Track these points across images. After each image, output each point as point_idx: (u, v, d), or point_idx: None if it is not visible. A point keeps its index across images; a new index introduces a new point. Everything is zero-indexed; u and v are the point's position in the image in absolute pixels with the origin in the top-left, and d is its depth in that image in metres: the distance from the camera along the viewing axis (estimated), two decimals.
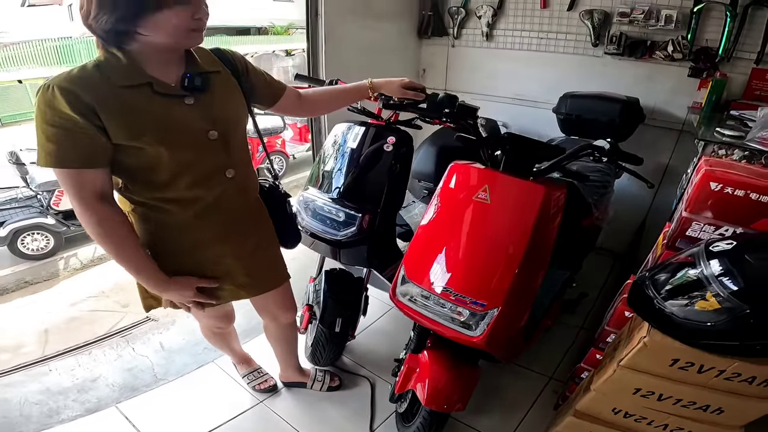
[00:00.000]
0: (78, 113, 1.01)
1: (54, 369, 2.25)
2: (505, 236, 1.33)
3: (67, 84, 1.00)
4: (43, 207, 4.72)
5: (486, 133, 1.46)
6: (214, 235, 1.30)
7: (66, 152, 1.03)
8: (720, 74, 2.29)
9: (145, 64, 1.10)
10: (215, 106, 1.21)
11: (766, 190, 1.14)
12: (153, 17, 1.01)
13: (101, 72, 1.05)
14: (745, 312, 0.93)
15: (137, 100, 1.08)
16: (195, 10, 1.06)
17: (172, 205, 1.22)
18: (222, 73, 1.26)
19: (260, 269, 1.46)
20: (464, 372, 1.47)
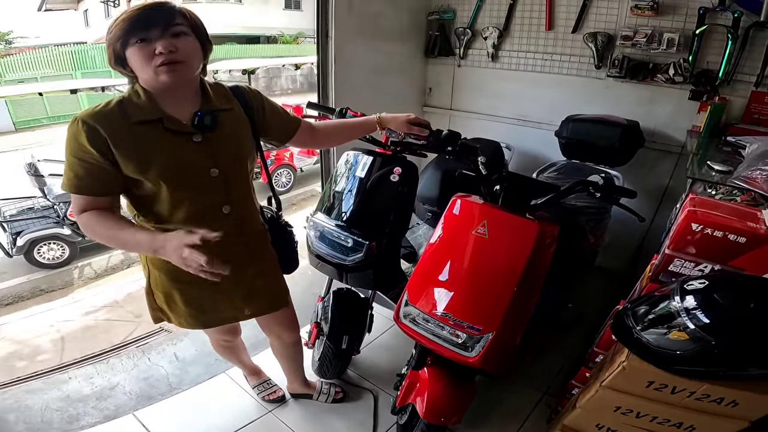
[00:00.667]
0: (95, 148, 1.13)
1: (73, 377, 2.36)
2: (501, 268, 1.43)
3: (89, 119, 1.13)
4: (59, 217, 4.83)
5: (487, 168, 1.55)
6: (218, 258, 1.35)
7: (82, 182, 1.17)
8: (719, 98, 2.34)
9: (161, 101, 1.20)
10: (222, 144, 1.29)
11: (743, 232, 1.24)
12: (127, 55, 1.14)
13: (121, 108, 1.17)
14: (711, 343, 1.06)
15: (148, 136, 1.18)
16: (153, 46, 1.12)
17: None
18: (234, 110, 1.34)
19: (260, 294, 1.54)
20: (461, 388, 1.56)
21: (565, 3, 2.76)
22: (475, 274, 1.47)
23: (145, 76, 1.16)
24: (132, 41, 1.11)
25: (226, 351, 2.00)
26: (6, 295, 4.43)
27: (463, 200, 1.59)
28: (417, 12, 3.24)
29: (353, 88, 2.87)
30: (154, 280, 1.43)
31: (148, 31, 1.11)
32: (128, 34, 1.11)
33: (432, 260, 1.57)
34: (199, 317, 1.48)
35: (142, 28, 1.11)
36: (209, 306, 1.47)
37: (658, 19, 2.46)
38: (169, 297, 1.43)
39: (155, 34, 1.11)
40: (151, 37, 1.11)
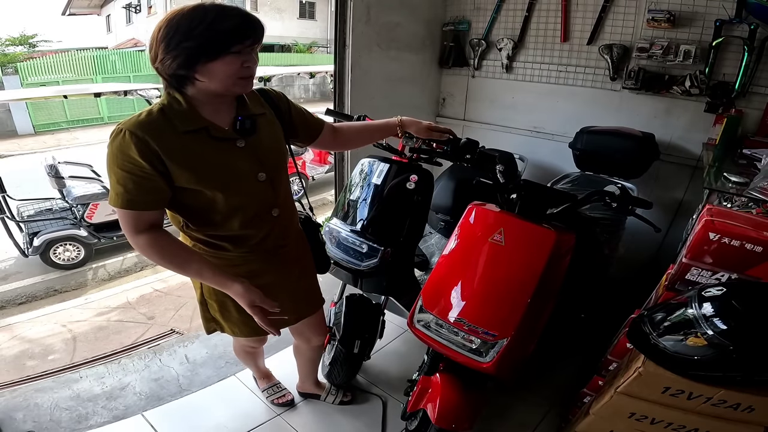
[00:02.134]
0: (146, 160, 1.09)
1: (84, 376, 2.37)
2: (517, 275, 1.43)
3: (137, 130, 1.08)
4: (76, 219, 4.90)
5: (504, 175, 1.55)
6: (264, 267, 1.41)
7: (132, 196, 1.12)
8: (735, 111, 2.33)
9: (201, 109, 1.18)
10: (263, 147, 1.29)
11: (760, 241, 1.23)
12: (208, 66, 1.08)
13: (166, 117, 1.13)
14: (729, 348, 1.06)
15: (196, 145, 1.16)
16: (245, 58, 1.12)
17: (226, 242, 1.33)
18: (267, 115, 1.34)
19: (302, 296, 1.59)
20: (473, 395, 1.55)
21: (580, 15, 2.77)
22: (491, 281, 1.47)
23: (217, 85, 1.13)
24: (231, 49, 1.08)
25: (248, 356, 2.03)
26: (20, 295, 4.50)
27: (479, 208, 1.60)
28: (432, 23, 3.28)
29: (369, 97, 2.91)
30: (207, 290, 1.44)
31: (249, 44, 1.11)
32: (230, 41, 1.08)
33: (448, 266, 1.57)
34: (250, 324, 1.45)
35: (246, 37, 1.10)
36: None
37: (675, 31, 2.46)
38: (223, 306, 1.45)
39: (251, 47, 1.13)
40: (247, 49, 1.12)
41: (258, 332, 1.54)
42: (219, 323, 1.52)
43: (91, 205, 4.92)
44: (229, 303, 1.43)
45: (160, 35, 1.08)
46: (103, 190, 4.97)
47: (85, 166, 5.37)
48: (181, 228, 1.34)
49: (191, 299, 3.89)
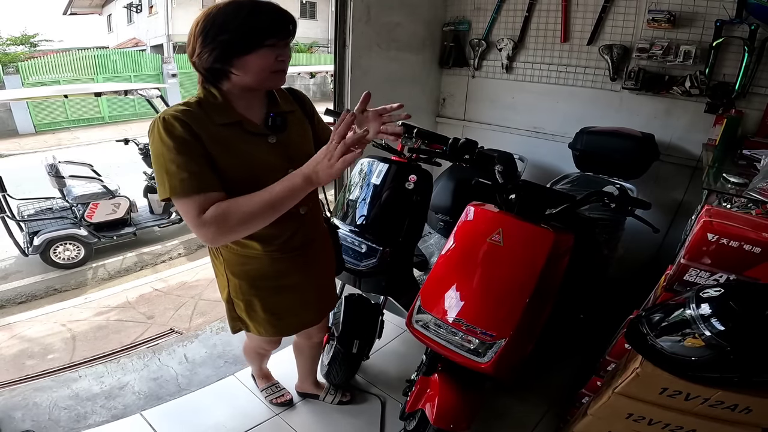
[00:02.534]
0: (194, 138, 1.10)
1: (84, 375, 2.38)
2: (516, 275, 1.43)
3: (179, 114, 1.10)
4: (77, 219, 4.90)
5: (502, 176, 1.55)
6: (290, 266, 1.43)
7: (199, 179, 1.10)
8: (735, 111, 2.33)
9: (235, 104, 1.20)
10: (292, 145, 1.30)
11: (758, 242, 1.23)
12: (243, 59, 1.11)
13: (203, 109, 1.15)
14: (726, 349, 1.06)
15: (232, 137, 1.18)
16: (279, 52, 1.14)
17: (255, 241, 1.34)
18: (296, 113, 1.37)
19: (325, 294, 1.62)
20: (471, 395, 1.55)
21: (580, 15, 2.77)
22: (490, 281, 1.46)
23: (251, 79, 1.15)
24: (265, 42, 1.10)
25: (258, 356, 2.04)
26: (20, 294, 4.49)
27: (478, 208, 1.60)
28: (433, 23, 3.27)
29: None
30: (234, 288, 1.43)
31: (282, 38, 1.13)
32: (263, 35, 1.09)
33: (446, 266, 1.57)
34: (276, 324, 1.50)
35: (279, 32, 1.12)
36: (286, 312, 1.51)
37: (675, 32, 2.45)
38: (249, 305, 1.45)
39: (281, 41, 1.13)
40: (280, 43, 1.13)
41: (283, 332, 1.56)
42: (245, 322, 1.52)
43: (92, 204, 4.92)
44: (255, 302, 1.44)
45: (198, 29, 1.11)
46: (103, 190, 4.97)
47: (86, 166, 5.37)
48: None
49: (191, 299, 3.91)
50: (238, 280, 1.41)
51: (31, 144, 10.45)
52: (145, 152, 5.45)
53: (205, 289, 4.09)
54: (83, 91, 5.97)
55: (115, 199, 5.05)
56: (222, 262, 1.41)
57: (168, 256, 5.27)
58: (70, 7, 20.36)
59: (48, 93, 5.69)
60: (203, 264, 4.68)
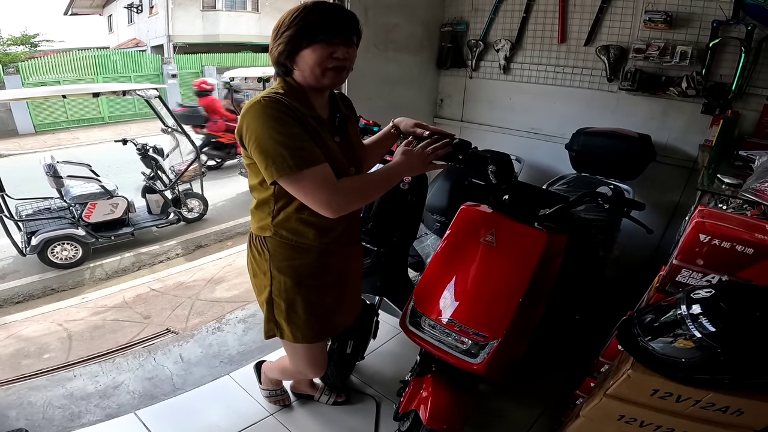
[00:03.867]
0: (294, 117, 1.16)
1: (78, 375, 2.38)
2: (509, 276, 1.43)
3: (277, 97, 1.17)
4: (74, 218, 4.90)
5: (496, 177, 1.55)
6: (335, 262, 1.45)
7: (311, 149, 1.16)
8: (732, 112, 2.32)
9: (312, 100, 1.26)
10: (351, 146, 1.38)
11: (751, 243, 1.23)
12: (300, 54, 1.17)
13: (288, 97, 1.20)
14: (716, 351, 1.05)
15: (317, 128, 1.24)
16: (334, 50, 1.17)
17: (314, 229, 1.36)
18: (352, 118, 1.42)
19: (356, 297, 1.65)
20: (464, 396, 1.55)
21: (578, 16, 2.77)
22: (482, 282, 1.47)
23: (308, 74, 1.20)
24: (317, 38, 1.15)
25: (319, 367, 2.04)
26: (17, 294, 4.48)
27: (471, 209, 1.60)
28: (430, 24, 3.27)
29: (366, 98, 2.90)
30: (278, 286, 1.43)
31: (336, 34, 1.17)
32: (317, 30, 1.15)
33: (439, 267, 1.57)
34: (314, 327, 1.50)
35: (333, 29, 1.16)
36: (324, 315, 1.51)
37: (671, 32, 2.45)
38: (291, 306, 1.45)
39: (339, 38, 1.17)
40: (334, 40, 1.17)
41: (318, 337, 1.55)
42: (281, 327, 1.50)
43: (89, 204, 4.91)
44: (298, 302, 1.44)
45: (276, 27, 1.20)
46: (100, 190, 4.97)
47: (84, 166, 5.35)
48: (270, 213, 1.35)
49: (188, 299, 3.90)
50: (283, 276, 1.41)
51: (31, 144, 10.46)
52: (143, 153, 5.45)
53: (202, 289, 4.09)
54: (81, 91, 5.96)
55: (113, 199, 5.05)
56: (267, 258, 1.40)
57: (166, 257, 5.26)
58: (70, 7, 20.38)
59: (46, 93, 5.69)
60: (201, 264, 4.68)
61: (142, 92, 5.23)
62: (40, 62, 11.79)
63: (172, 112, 5.78)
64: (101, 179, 5.16)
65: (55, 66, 11.89)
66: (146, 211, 5.60)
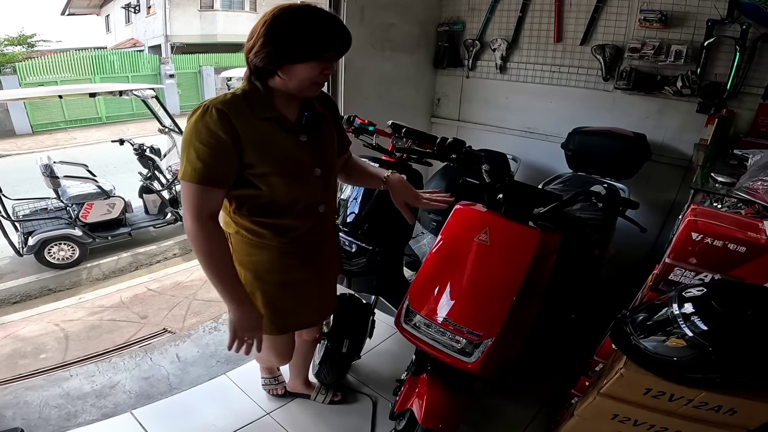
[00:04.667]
0: (227, 134, 1.16)
1: (75, 374, 2.37)
2: (502, 275, 1.43)
3: (222, 107, 1.16)
4: (71, 219, 4.90)
5: (490, 176, 1.55)
6: (301, 262, 1.45)
7: (209, 170, 1.17)
8: (727, 111, 2.33)
9: (276, 100, 1.26)
10: (321, 146, 1.36)
11: (743, 242, 1.23)
12: (292, 66, 1.16)
13: (246, 101, 1.21)
14: (708, 350, 1.05)
15: (268, 132, 1.24)
16: (325, 66, 1.18)
17: (270, 230, 1.37)
18: (326, 117, 1.41)
19: (329, 295, 1.63)
20: (460, 395, 1.55)
21: (573, 15, 2.77)
22: (477, 281, 1.46)
23: (293, 85, 1.20)
24: (319, 56, 1.15)
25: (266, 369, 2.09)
26: (14, 294, 4.49)
27: (466, 207, 1.60)
28: (427, 23, 3.27)
29: (362, 98, 2.90)
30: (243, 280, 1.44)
31: (339, 54, 1.20)
32: (322, 48, 1.15)
33: (434, 266, 1.57)
34: (275, 321, 1.51)
35: (338, 50, 1.19)
36: (286, 310, 1.52)
37: (667, 32, 2.45)
38: (252, 298, 1.45)
39: (338, 57, 1.21)
40: (330, 57, 1.18)
41: (280, 330, 1.57)
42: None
43: (86, 204, 4.91)
44: (258, 296, 1.46)
45: (262, 29, 1.15)
46: (97, 190, 4.96)
47: (81, 166, 5.35)
48: (228, 213, 1.38)
49: (185, 299, 3.91)
50: (243, 270, 1.42)
51: (29, 144, 10.45)
52: (140, 153, 5.44)
53: (200, 289, 4.09)
54: (78, 91, 5.96)
55: (110, 199, 5.05)
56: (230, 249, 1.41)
57: (163, 257, 5.27)
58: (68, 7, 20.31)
59: (42, 93, 5.69)
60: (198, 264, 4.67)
61: (139, 92, 5.23)
62: (37, 62, 11.76)
63: (169, 113, 5.78)
64: (98, 179, 5.16)
65: (53, 66, 11.86)
66: (143, 211, 5.60)
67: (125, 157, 6.20)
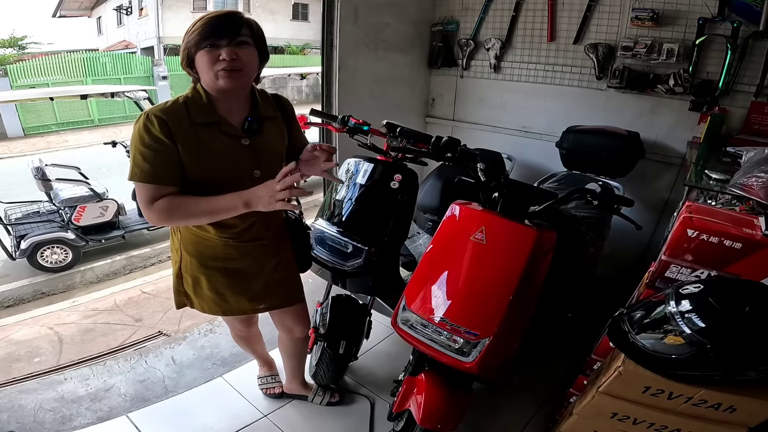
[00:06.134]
0: (166, 137, 1.23)
1: (69, 378, 2.35)
2: (498, 274, 1.43)
3: (159, 113, 1.24)
4: (64, 222, 4.86)
5: (486, 175, 1.55)
6: (240, 252, 1.50)
7: (156, 170, 1.24)
8: (719, 109, 2.34)
9: (217, 105, 1.32)
10: (264, 148, 1.40)
11: (739, 238, 1.24)
12: (195, 60, 1.26)
13: (187, 107, 1.28)
14: (706, 347, 1.05)
15: (206, 137, 1.29)
16: (219, 53, 1.23)
17: (212, 226, 1.43)
18: (276, 119, 1.46)
19: (277, 287, 1.63)
20: (458, 395, 1.54)
21: (566, 14, 2.78)
22: (473, 280, 1.46)
23: (206, 79, 1.27)
24: (202, 45, 1.22)
25: (243, 340, 2.07)
26: (7, 298, 4.44)
27: (461, 206, 1.60)
28: (421, 23, 3.28)
29: (357, 98, 2.90)
30: (185, 264, 1.52)
31: (218, 38, 1.23)
32: (201, 39, 1.22)
33: (430, 265, 1.57)
34: (220, 304, 1.57)
35: (213, 35, 1.23)
36: (230, 295, 1.56)
37: (659, 30, 2.48)
38: (196, 282, 1.54)
39: (223, 41, 1.23)
40: (219, 43, 1.23)
41: (225, 312, 1.62)
42: (190, 298, 1.59)
43: (79, 207, 4.87)
44: (202, 280, 1.52)
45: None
46: (90, 193, 4.93)
47: (73, 169, 5.31)
48: None
49: None
50: (189, 256, 1.50)
51: (20, 147, 10.35)
52: None
53: None
54: (69, 93, 5.91)
55: (103, 202, 5.01)
56: (179, 238, 1.50)
57: (157, 259, 5.23)
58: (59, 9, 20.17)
59: (33, 96, 5.65)
60: None
61: (131, 94, 5.20)
62: (28, 64, 11.63)
63: None
64: (91, 182, 5.12)
65: (44, 68, 11.73)
66: (137, 214, 5.55)
67: (118, 159, 6.12)
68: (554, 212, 1.53)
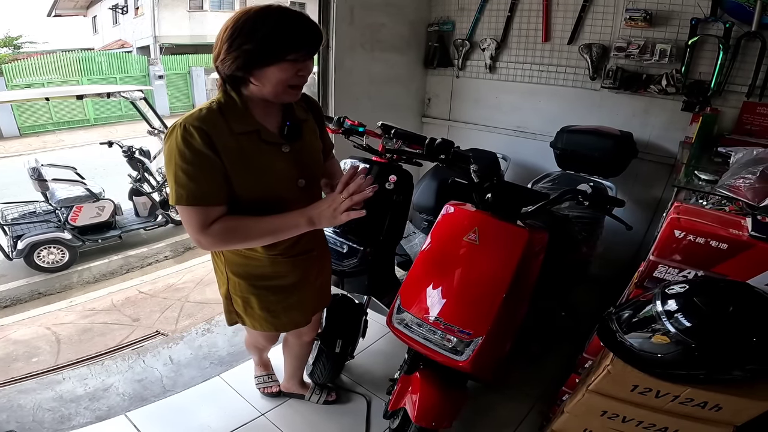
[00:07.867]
0: (210, 150, 1.11)
1: (67, 378, 2.36)
2: (491, 274, 1.46)
3: (198, 123, 1.10)
4: (60, 222, 4.86)
5: (479, 176, 1.57)
6: (290, 269, 1.44)
7: (203, 189, 1.12)
8: (711, 109, 2.36)
9: (253, 110, 1.20)
10: (305, 154, 1.31)
11: (725, 238, 1.26)
12: (263, 70, 1.11)
13: (222, 115, 1.15)
14: (691, 346, 1.07)
15: (248, 146, 1.18)
16: (300, 67, 1.14)
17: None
18: (309, 121, 1.36)
19: (319, 292, 1.63)
20: (452, 393, 1.57)
21: (561, 15, 2.81)
22: (466, 280, 1.49)
23: (268, 90, 1.15)
24: (290, 56, 1.09)
25: (257, 350, 2.08)
26: (4, 298, 4.44)
27: (455, 207, 1.63)
28: (417, 23, 3.30)
29: (353, 98, 2.92)
30: (233, 286, 1.46)
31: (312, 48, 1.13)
32: (291, 46, 1.09)
33: (424, 265, 1.60)
34: (272, 322, 1.53)
35: (310, 43, 1.12)
36: (282, 312, 1.52)
37: (652, 30, 2.50)
38: (247, 302, 1.48)
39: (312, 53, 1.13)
40: (309, 56, 1.13)
41: (278, 329, 1.59)
42: (241, 317, 1.55)
43: (75, 207, 4.87)
44: (253, 300, 1.47)
45: (225, 35, 1.11)
46: (86, 193, 4.93)
47: (69, 169, 5.31)
48: None
49: (177, 301, 3.89)
50: (237, 278, 1.43)
51: (16, 147, 10.32)
52: (129, 155, 5.40)
53: (192, 291, 4.07)
54: (65, 93, 5.90)
55: (100, 202, 5.01)
56: (223, 261, 1.43)
57: (155, 259, 5.23)
58: (54, 8, 20.07)
59: (28, 96, 5.63)
60: (190, 266, 4.65)
61: (127, 94, 5.19)
62: (23, 64, 11.58)
63: (158, 114, 5.74)
64: (87, 182, 5.12)
65: (40, 68, 11.67)
66: (134, 214, 5.56)
67: (114, 159, 6.14)
68: (547, 213, 1.55)
